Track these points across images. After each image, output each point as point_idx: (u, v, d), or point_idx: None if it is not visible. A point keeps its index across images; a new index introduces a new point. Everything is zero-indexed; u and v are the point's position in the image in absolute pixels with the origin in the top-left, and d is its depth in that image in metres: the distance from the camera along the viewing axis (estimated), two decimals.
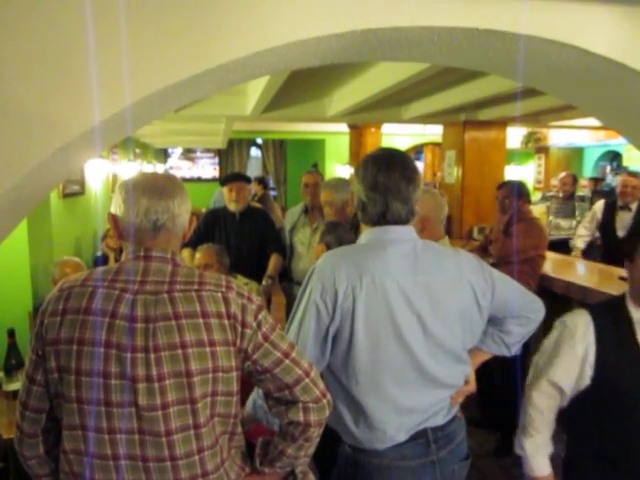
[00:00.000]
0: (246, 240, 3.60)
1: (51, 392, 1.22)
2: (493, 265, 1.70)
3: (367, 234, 1.53)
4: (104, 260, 4.38)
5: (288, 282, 3.70)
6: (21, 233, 3.12)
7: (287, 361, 1.23)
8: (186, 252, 3.31)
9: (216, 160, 13.10)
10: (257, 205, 5.32)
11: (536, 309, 1.66)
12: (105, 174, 6.17)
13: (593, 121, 6.10)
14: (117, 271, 1.22)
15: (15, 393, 2.42)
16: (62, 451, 1.21)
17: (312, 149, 12.26)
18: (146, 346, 1.15)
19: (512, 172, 9.96)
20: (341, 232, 2.20)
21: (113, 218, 1.27)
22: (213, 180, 12.13)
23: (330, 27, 1.19)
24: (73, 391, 1.16)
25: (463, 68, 1.88)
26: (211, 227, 3.64)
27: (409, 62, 2.91)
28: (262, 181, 7.79)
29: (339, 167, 10.42)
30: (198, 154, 13.19)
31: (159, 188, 1.24)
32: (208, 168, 13.16)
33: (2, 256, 1.36)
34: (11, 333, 2.51)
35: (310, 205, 3.62)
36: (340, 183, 3.15)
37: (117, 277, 1.21)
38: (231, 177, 3.82)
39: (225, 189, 3.71)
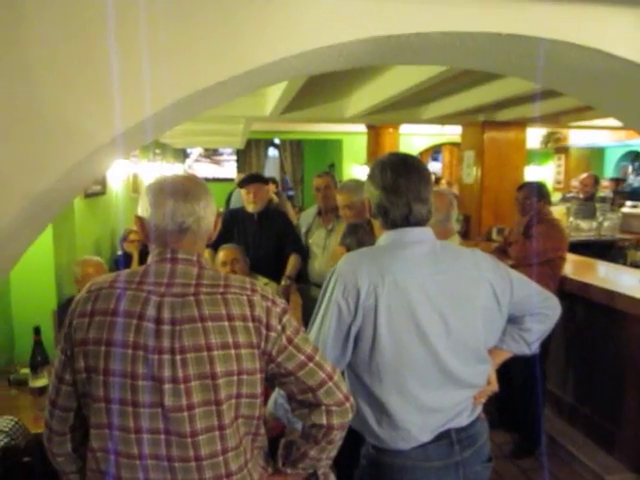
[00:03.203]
0: (264, 241, 3.61)
1: (79, 391, 1.24)
2: (512, 267, 1.70)
3: (387, 236, 1.54)
4: (125, 259, 4.43)
5: (304, 283, 3.72)
6: (46, 233, 3.18)
7: (311, 364, 1.24)
8: (206, 253, 3.34)
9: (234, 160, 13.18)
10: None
11: (553, 306, 1.68)
12: (125, 174, 6.25)
13: (614, 121, 6.02)
14: (144, 273, 1.24)
15: (40, 389, 2.48)
16: (89, 449, 1.23)
17: (329, 149, 12.28)
18: (172, 348, 1.16)
19: (531, 173, 9.87)
20: (361, 234, 2.21)
21: (140, 220, 1.29)
22: (231, 180, 12.18)
23: (355, 33, 1.20)
24: (101, 391, 1.19)
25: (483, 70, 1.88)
26: (230, 228, 3.67)
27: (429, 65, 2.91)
28: (274, 181, 7.87)
29: (356, 167, 10.41)
30: (225, 156, 13.25)
31: (185, 191, 1.26)
32: (229, 168, 13.23)
33: (28, 256, 1.39)
34: (37, 331, 2.56)
35: (323, 207, 3.62)
36: (357, 185, 3.14)
37: (144, 279, 1.23)
38: (248, 179, 3.83)
39: (243, 191, 3.73)
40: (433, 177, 1.70)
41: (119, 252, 4.71)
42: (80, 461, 1.30)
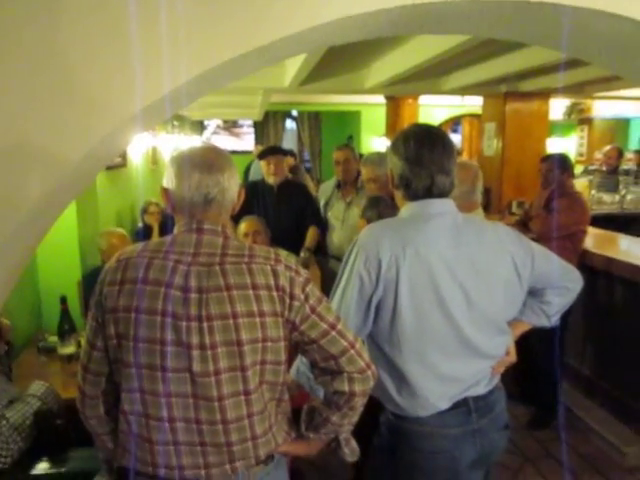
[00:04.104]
0: (284, 213, 3.63)
1: (110, 357, 1.29)
2: (534, 240, 1.70)
3: (409, 208, 1.54)
4: (145, 231, 4.50)
5: (323, 256, 3.74)
6: (70, 206, 3.22)
7: (333, 332, 1.27)
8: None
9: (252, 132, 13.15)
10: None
11: (574, 279, 1.69)
12: (145, 147, 6.29)
13: None
14: (171, 243, 1.27)
15: (69, 356, 2.57)
16: (121, 411, 1.28)
17: (348, 121, 12.16)
18: (199, 315, 1.20)
19: (553, 145, 9.70)
20: (382, 207, 2.22)
21: (165, 191, 1.31)
22: (250, 152, 12.16)
23: (381, 2, 1.18)
24: (131, 356, 1.23)
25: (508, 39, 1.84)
26: (249, 200, 3.68)
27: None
28: (292, 154, 7.86)
29: (375, 139, 10.32)
30: (244, 129, 13.23)
31: (209, 162, 1.27)
32: (247, 140, 13.22)
33: (53, 228, 1.43)
34: (63, 300, 2.63)
35: (343, 180, 3.62)
36: (381, 158, 3.12)
37: (171, 249, 1.25)
38: (268, 151, 3.84)
39: (263, 163, 3.74)
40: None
41: (140, 224, 4.78)
42: (112, 423, 1.35)
